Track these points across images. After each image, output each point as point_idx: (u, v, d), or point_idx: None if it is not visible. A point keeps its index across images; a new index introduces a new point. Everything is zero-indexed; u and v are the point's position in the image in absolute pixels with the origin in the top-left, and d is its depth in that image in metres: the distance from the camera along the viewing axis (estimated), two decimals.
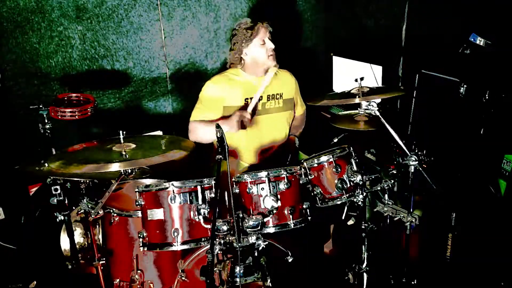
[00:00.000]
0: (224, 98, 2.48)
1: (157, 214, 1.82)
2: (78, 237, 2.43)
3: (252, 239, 1.78)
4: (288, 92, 2.63)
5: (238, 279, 1.77)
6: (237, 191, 1.90)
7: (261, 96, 2.52)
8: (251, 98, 2.48)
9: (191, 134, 2.51)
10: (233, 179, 1.93)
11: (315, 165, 2.00)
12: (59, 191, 2.08)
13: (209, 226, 1.78)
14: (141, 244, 1.85)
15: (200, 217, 1.78)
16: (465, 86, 2.46)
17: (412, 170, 2.01)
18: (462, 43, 2.45)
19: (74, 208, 2.27)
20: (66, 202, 2.12)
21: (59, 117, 2.40)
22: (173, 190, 1.80)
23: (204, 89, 2.51)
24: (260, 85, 2.44)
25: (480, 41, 2.37)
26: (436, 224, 2.44)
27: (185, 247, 1.81)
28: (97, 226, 2.28)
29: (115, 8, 3.07)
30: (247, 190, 1.87)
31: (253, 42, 2.43)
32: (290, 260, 1.95)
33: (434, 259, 2.47)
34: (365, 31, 3.71)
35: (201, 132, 2.46)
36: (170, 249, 1.82)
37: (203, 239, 1.82)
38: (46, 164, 2.10)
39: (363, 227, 2.14)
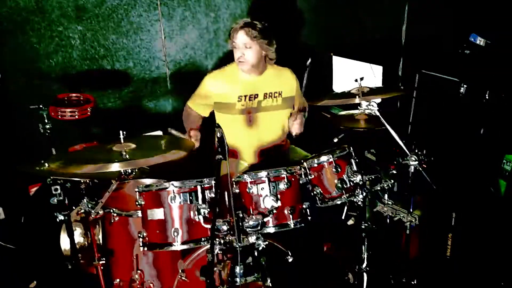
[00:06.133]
0: (218, 95, 2.52)
1: (157, 214, 1.82)
2: (78, 237, 2.43)
3: (252, 239, 1.78)
4: (288, 90, 2.62)
5: (238, 279, 1.76)
6: (237, 191, 1.90)
7: (257, 94, 2.52)
8: (244, 96, 2.49)
9: (184, 115, 2.69)
10: (233, 179, 1.93)
11: (315, 165, 2.00)
12: (59, 191, 2.08)
13: (209, 226, 1.78)
14: (141, 244, 1.85)
15: (200, 217, 1.78)
16: (465, 86, 2.46)
17: (412, 170, 2.01)
18: (462, 43, 2.45)
19: (74, 208, 2.27)
20: (66, 202, 2.12)
21: (59, 117, 2.40)
22: (173, 190, 1.80)
23: (202, 82, 2.57)
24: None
25: (480, 41, 2.37)
26: (436, 224, 2.44)
27: (185, 247, 1.81)
28: (97, 226, 2.28)
29: (115, 8, 3.07)
30: (247, 190, 1.87)
31: (232, 44, 2.48)
32: (290, 260, 1.95)
33: (434, 259, 2.47)
34: (365, 31, 3.71)
35: (187, 119, 2.64)
36: (170, 249, 1.82)
37: (203, 239, 1.82)
38: (46, 164, 2.09)
39: (363, 227, 2.14)
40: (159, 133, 3.22)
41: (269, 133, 2.59)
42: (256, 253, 1.82)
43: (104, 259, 2.07)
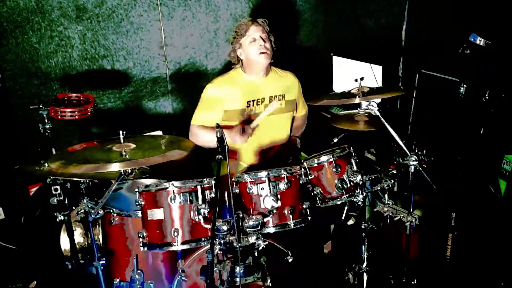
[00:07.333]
0: (225, 102, 2.47)
1: (157, 214, 1.82)
2: (78, 237, 2.43)
3: (252, 239, 1.78)
4: (291, 94, 2.63)
5: (238, 279, 1.76)
6: (237, 191, 1.90)
7: (263, 98, 2.52)
8: (253, 101, 2.48)
9: (192, 138, 2.50)
10: (233, 179, 1.93)
11: (315, 165, 2.00)
12: (59, 191, 2.08)
13: (209, 226, 1.78)
14: (141, 244, 1.85)
15: (200, 217, 1.78)
16: (465, 86, 2.46)
17: (412, 170, 2.01)
18: (462, 43, 2.45)
19: (74, 208, 2.27)
20: (66, 202, 2.12)
21: (59, 117, 2.40)
22: (173, 190, 1.79)
23: (205, 92, 2.50)
24: (262, 111, 2.45)
25: (480, 41, 2.37)
26: (436, 224, 2.44)
27: (185, 247, 1.81)
28: (97, 226, 2.28)
29: (115, 8, 3.07)
30: (247, 190, 1.87)
31: (243, 39, 2.44)
32: (290, 260, 1.95)
33: (434, 259, 2.47)
34: (365, 31, 3.72)
35: (201, 138, 2.46)
36: (170, 249, 1.82)
37: (203, 239, 1.82)
38: (46, 164, 2.10)
39: (363, 227, 2.14)
40: (159, 133, 3.22)
41: (270, 136, 2.59)
42: (256, 253, 1.82)
43: (104, 259, 2.07)
